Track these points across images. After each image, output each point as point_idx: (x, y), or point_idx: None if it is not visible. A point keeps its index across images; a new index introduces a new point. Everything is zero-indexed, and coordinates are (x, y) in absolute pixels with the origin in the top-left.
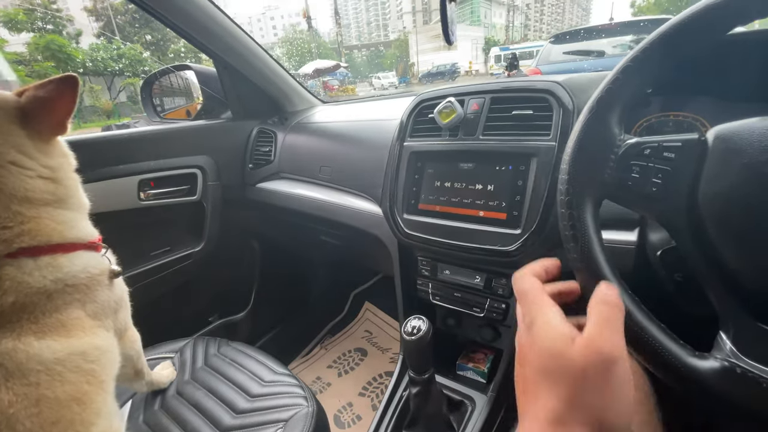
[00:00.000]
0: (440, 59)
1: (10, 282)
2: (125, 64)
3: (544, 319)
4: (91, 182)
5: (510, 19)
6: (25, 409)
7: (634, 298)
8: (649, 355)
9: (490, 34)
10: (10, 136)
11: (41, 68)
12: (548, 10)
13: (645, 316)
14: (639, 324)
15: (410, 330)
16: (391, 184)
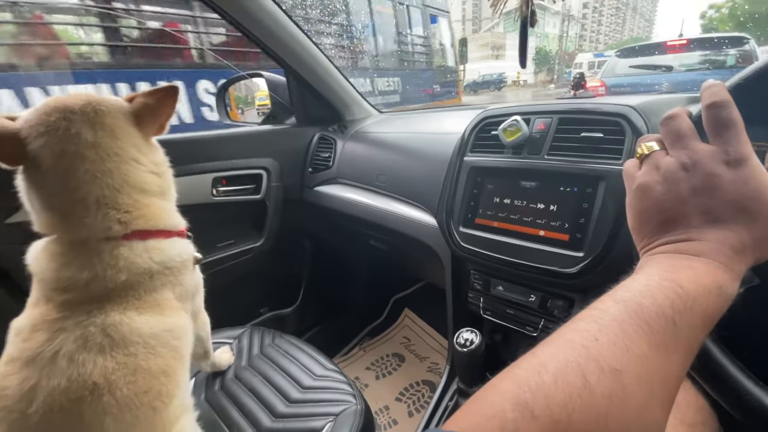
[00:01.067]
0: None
1: (124, 261)
2: None
3: (755, 161)
4: (175, 177)
5: (564, 29)
6: (124, 377)
7: (714, 335)
8: (724, 392)
9: (541, 44)
10: (131, 137)
11: None
12: (607, 20)
13: (724, 354)
14: (717, 361)
15: (462, 342)
16: (449, 196)
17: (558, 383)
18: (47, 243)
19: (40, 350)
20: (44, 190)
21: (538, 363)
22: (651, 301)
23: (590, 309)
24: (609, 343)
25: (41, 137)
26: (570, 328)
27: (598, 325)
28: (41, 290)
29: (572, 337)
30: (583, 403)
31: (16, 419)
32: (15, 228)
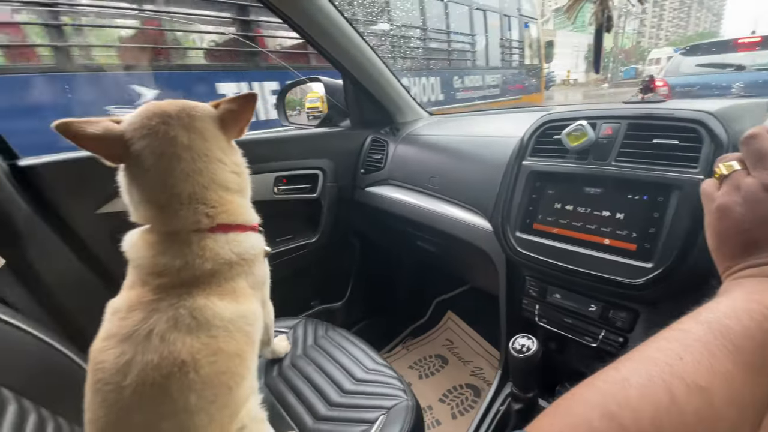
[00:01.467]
0: None
1: (210, 252)
2: None
3: None
4: None
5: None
6: (207, 357)
7: None
8: None
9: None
10: (217, 139)
11: None
12: (669, 15)
13: None
14: None
15: (518, 347)
16: (505, 201)
17: (644, 398)
18: (143, 233)
19: (136, 328)
20: (145, 185)
21: (621, 377)
22: (736, 322)
23: (671, 329)
24: (694, 362)
25: (144, 139)
26: (652, 347)
27: (682, 345)
28: (138, 275)
29: (654, 354)
30: (672, 420)
31: (111, 391)
32: (104, 218)
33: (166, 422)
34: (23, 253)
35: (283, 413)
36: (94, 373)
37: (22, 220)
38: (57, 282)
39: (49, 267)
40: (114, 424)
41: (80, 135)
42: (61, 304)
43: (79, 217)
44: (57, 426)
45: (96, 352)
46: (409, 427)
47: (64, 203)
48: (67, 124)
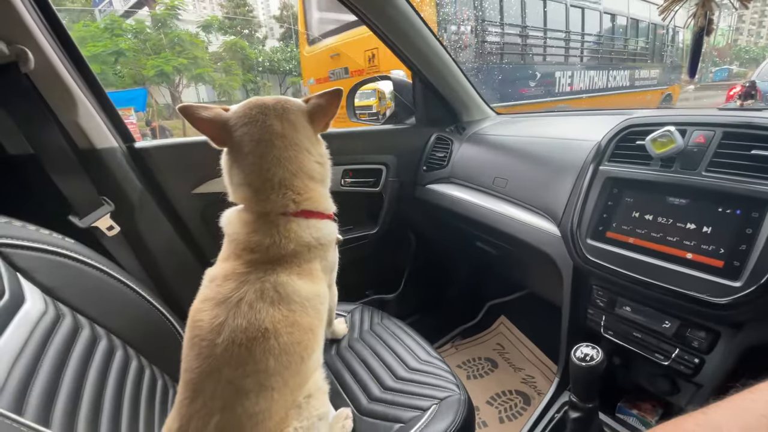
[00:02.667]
0: None
1: (293, 234)
2: (294, 65)
3: None
4: None
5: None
6: (285, 327)
7: None
8: None
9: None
10: (306, 131)
11: (226, 65)
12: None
13: None
14: None
15: (581, 356)
16: (577, 206)
17: None
18: (239, 212)
19: (230, 295)
20: (243, 168)
21: (714, 425)
22: None
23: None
24: None
25: (245, 126)
26: (747, 397)
27: None
28: (232, 249)
29: (751, 405)
30: None
31: (206, 346)
32: (197, 198)
33: (249, 379)
34: (134, 223)
35: (340, 390)
36: (191, 330)
37: (136, 195)
38: (159, 251)
39: (154, 237)
40: (207, 374)
41: (196, 117)
42: (160, 270)
43: (178, 195)
44: (152, 373)
45: (194, 312)
46: (461, 420)
47: (167, 182)
48: (187, 108)
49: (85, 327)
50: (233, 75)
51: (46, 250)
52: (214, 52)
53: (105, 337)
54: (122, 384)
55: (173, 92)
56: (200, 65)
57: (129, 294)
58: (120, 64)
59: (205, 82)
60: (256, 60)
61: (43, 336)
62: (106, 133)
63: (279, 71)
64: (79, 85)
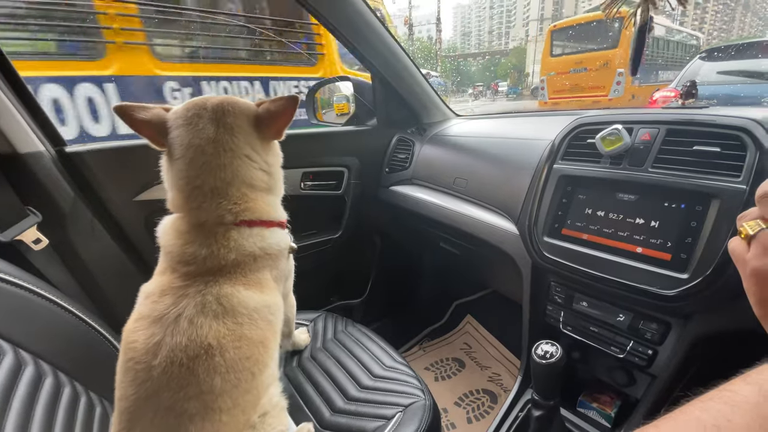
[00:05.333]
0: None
1: (234, 243)
2: None
3: None
4: None
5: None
6: (232, 342)
7: None
8: None
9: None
10: (248, 136)
11: None
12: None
13: None
14: None
15: (542, 354)
16: (534, 205)
17: None
18: (174, 220)
19: (167, 312)
20: (174, 174)
21: None
22: None
23: (720, 390)
24: (743, 425)
25: (179, 128)
26: (697, 407)
27: (730, 407)
28: (168, 261)
29: (701, 415)
30: None
31: (141, 370)
32: (140, 205)
33: (192, 402)
34: (66, 234)
35: (302, 403)
36: (125, 353)
37: (68, 204)
38: (94, 263)
39: (88, 248)
40: (144, 400)
41: (133, 118)
42: (97, 284)
43: (117, 203)
44: (89, 400)
45: (128, 332)
46: (426, 426)
47: (105, 189)
48: (124, 108)
49: (8, 353)
50: None
51: None
52: None
53: (32, 363)
54: (52, 415)
55: None
56: None
57: (59, 313)
58: None
59: None
60: None
61: None
62: (30, 136)
63: None
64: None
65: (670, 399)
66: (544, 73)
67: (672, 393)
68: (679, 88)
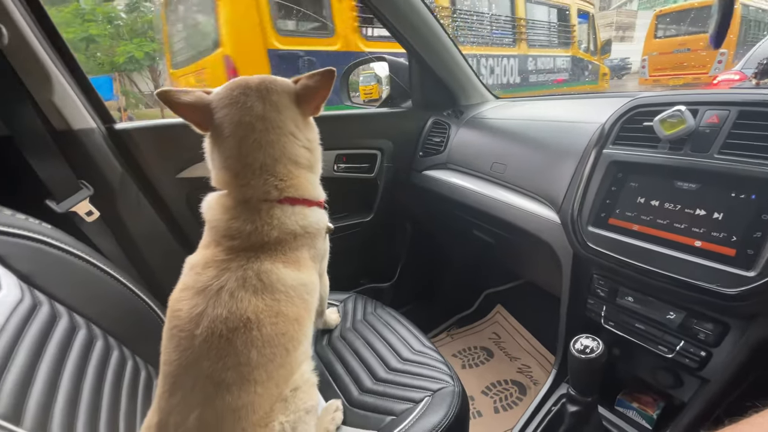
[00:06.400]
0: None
1: (277, 221)
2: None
3: None
4: None
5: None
6: (269, 318)
7: None
8: None
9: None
10: (291, 113)
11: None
12: None
13: None
14: None
15: (581, 348)
16: (579, 192)
17: None
18: (220, 197)
19: (209, 284)
20: (223, 152)
21: None
22: None
23: None
24: None
25: (225, 108)
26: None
27: None
28: (213, 235)
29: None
30: None
31: (184, 337)
32: (182, 182)
33: (230, 372)
34: (115, 208)
35: (331, 381)
36: (170, 320)
37: (116, 179)
38: (140, 236)
39: (135, 222)
40: (185, 367)
41: (175, 102)
42: (142, 256)
43: (161, 179)
44: (135, 364)
45: (173, 302)
46: (454, 413)
47: (149, 166)
48: (167, 93)
49: (63, 316)
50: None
51: (22, 235)
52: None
53: (84, 327)
54: (102, 375)
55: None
56: None
57: (110, 282)
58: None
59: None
60: None
61: (19, 325)
62: (83, 113)
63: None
64: (55, 63)
65: (723, 405)
66: (646, 53)
67: (726, 399)
68: (746, 71)
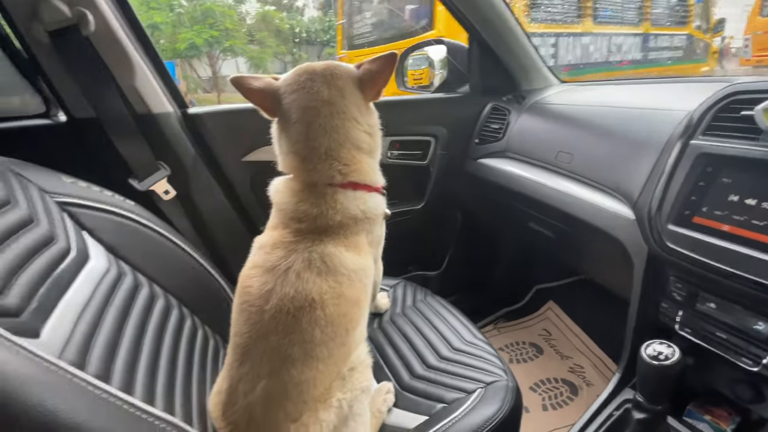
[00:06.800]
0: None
1: (340, 205)
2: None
3: None
4: None
5: None
6: (332, 299)
7: None
8: None
9: None
10: (354, 98)
11: (261, 36)
12: None
13: None
14: None
15: (653, 354)
16: (660, 187)
17: None
18: (287, 181)
19: (278, 263)
20: (291, 137)
21: None
22: None
23: None
24: None
25: (293, 93)
26: None
27: None
28: (281, 218)
29: None
30: None
31: (255, 312)
32: (247, 165)
33: (295, 348)
34: (188, 188)
35: (382, 364)
36: (241, 295)
37: (190, 160)
38: (210, 216)
39: (205, 202)
40: (255, 340)
41: (247, 88)
42: (210, 235)
43: (228, 162)
44: (204, 333)
45: (244, 278)
46: (509, 407)
47: (218, 149)
48: (240, 79)
49: (144, 285)
50: (266, 47)
51: (109, 210)
52: (251, 24)
53: (162, 296)
54: (177, 341)
55: (213, 65)
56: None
57: (184, 257)
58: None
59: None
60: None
61: (106, 292)
62: (162, 98)
63: (317, 42)
64: (137, 49)
65: None
66: (750, 32)
67: None
68: None
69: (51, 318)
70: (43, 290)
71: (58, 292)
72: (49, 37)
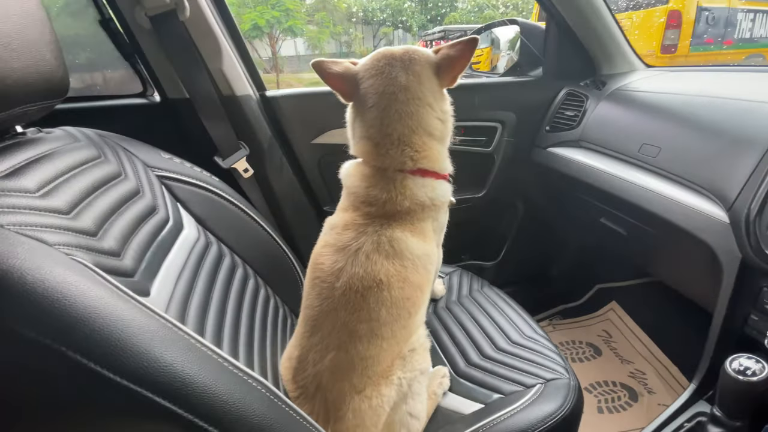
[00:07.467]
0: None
1: (409, 191)
2: (388, 14)
3: None
4: None
5: None
6: (397, 282)
7: None
8: None
9: None
10: (430, 83)
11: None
12: None
13: None
14: None
15: (739, 368)
16: (762, 189)
17: None
18: (358, 165)
19: (349, 244)
20: (365, 122)
21: None
22: None
23: None
24: None
25: (370, 78)
26: None
27: None
28: (351, 201)
29: None
30: None
31: (326, 288)
32: (315, 147)
33: (362, 325)
34: (263, 167)
35: (437, 349)
36: (313, 271)
37: (266, 141)
38: (281, 194)
39: (278, 181)
40: (326, 313)
41: (327, 72)
42: (281, 213)
43: (300, 143)
44: (276, 302)
45: (316, 255)
46: (570, 406)
47: (291, 130)
48: (320, 63)
49: (227, 255)
50: (323, 27)
51: (199, 185)
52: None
53: (241, 266)
54: (254, 308)
55: (273, 45)
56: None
57: (260, 231)
58: None
59: (295, 35)
60: (347, 11)
61: (197, 259)
62: (244, 81)
63: (373, 21)
64: (224, 34)
65: None
66: None
67: None
68: None
69: (157, 278)
70: (149, 254)
71: (161, 255)
72: (149, 22)
